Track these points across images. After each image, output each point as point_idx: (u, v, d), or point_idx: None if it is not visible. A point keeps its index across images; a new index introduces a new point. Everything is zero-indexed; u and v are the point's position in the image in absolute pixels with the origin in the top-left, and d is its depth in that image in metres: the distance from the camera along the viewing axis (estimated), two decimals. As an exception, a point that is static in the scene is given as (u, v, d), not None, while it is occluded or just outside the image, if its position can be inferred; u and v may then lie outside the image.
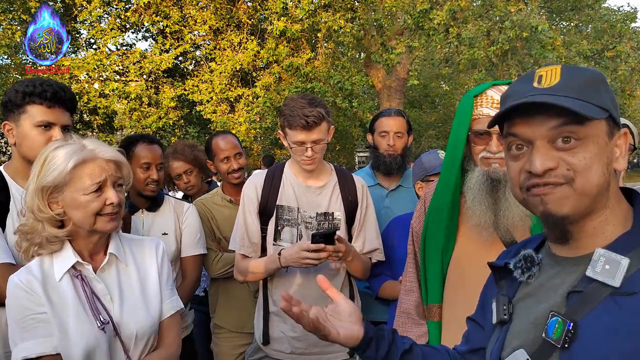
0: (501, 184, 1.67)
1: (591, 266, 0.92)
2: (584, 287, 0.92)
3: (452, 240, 1.82)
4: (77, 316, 1.55)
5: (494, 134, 1.69)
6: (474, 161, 1.75)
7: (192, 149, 3.35)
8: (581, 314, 0.91)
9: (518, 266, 1.05)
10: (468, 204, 1.74)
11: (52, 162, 1.54)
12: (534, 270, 1.03)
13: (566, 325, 0.90)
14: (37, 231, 1.55)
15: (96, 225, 1.58)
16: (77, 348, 1.52)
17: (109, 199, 1.57)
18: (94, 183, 1.55)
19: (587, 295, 0.91)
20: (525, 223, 1.69)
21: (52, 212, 1.55)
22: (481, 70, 11.17)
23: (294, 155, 2.30)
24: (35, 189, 1.54)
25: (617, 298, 0.88)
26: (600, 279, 0.90)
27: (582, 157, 0.92)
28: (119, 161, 1.63)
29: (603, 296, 0.89)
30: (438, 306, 1.88)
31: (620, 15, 13.33)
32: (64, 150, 1.56)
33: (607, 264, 0.90)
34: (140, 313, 1.66)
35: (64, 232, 1.57)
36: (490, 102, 1.72)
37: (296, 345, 2.32)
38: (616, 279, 0.88)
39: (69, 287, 1.58)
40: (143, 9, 11.17)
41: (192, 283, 2.69)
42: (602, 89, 0.96)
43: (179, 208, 2.71)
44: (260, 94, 11.07)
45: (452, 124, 1.85)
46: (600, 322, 0.88)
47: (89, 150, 1.57)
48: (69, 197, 1.55)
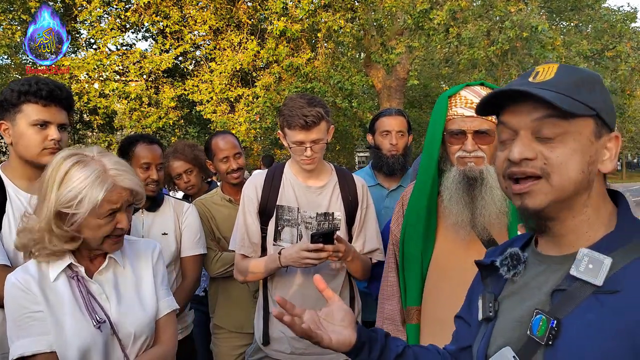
0: (477, 183, 1.69)
1: (575, 265, 0.93)
2: (568, 285, 0.94)
3: (432, 241, 1.83)
4: (72, 315, 1.58)
5: (468, 133, 1.70)
6: (450, 161, 1.76)
7: (192, 148, 3.36)
8: (565, 312, 0.92)
9: (504, 264, 1.07)
10: (445, 203, 1.76)
11: (71, 182, 1.53)
12: (520, 268, 1.05)
13: (550, 322, 0.92)
14: (45, 241, 1.56)
15: (103, 245, 1.63)
16: (73, 346, 1.55)
17: (119, 223, 1.62)
18: (110, 209, 1.58)
19: (571, 293, 0.93)
20: (502, 221, 1.71)
21: (68, 231, 1.56)
22: (481, 70, 11.17)
23: (294, 155, 2.29)
24: (53, 207, 1.53)
25: (600, 296, 0.90)
26: (584, 278, 0.92)
27: (560, 152, 0.94)
28: (135, 191, 1.64)
29: (586, 294, 0.91)
30: (417, 309, 1.88)
31: (620, 15, 13.32)
32: (84, 173, 1.54)
33: (591, 263, 0.92)
34: (137, 312, 1.70)
35: (72, 247, 1.60)
36: (464, 102, 1.74)
37: (296, 345, 2.32)
38: (599, 277, 0.90)
39: (65, 287, 1.61)
40: (143, 9, 11.17)
41: (192, 283, 2.69)
42: (597, 89, 0.97)
43: (178, 208, 2.71)
44: (260, 94, 11.07)
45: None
46: (583, 320, 0.90)
47: (111, 177, 1.57)
48: (85, 219, 1.56)
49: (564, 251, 0.99)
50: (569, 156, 0.93)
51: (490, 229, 1.74)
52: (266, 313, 2.39)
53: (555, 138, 0.94)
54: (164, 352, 1.75)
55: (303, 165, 2.29)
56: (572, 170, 0.94)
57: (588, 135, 0.94)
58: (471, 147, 1.70)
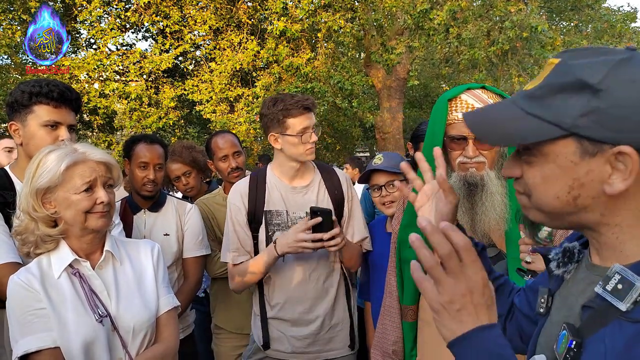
0: (478, 189, 1.67)
1: (602, 281, 0.82)
2: (596, 303, 0.83)
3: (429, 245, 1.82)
4: (75, 310, 1.60)
5: (469, 138, 1.68)
6: (451, 166, 1.74)
7: (190, 150, 3.33)
8: (589, 332, 0.82)
9: (555, 258, 0.98)
10: None
11: (45, 165, 1.62)
12: (570, 267, 0.95)
13: (568, 342, 0.83)
14: (30, 230, 1.62)
15: (87, 222, 1.65)
16: (76, 341, 1.57)
17: (99, 198, 1.65)
18: (84, 183, 1.63)
19: (598, 313, 0.82)
20: (502, 226, 1.70)
21: (46, 211, 1.62)
22: (481, 70, 11.16)
23: (296, 148, 2.27)
24: (30, 191, 1.62)
25: (624, 323, 0.78)
26: (607, 298, 0.80)
27: (531, 175, 0.86)
28: (108, 163, 1.70)
29: (613, 317, 0.80)
30: (411, 308, 1.89)
31: (620, 15, 13.34)
32: (55, 154, 1.63)
33: (621, 283, 0.79)
34: (137, 307, 1.72)
35: (56, 231, 1.64)
36: (465, 107, 1.71)
37: (296, 344, 2.32)
38: (625, 301, 0.78)
39: (67, 284, 1.64)
40: (143, 9, 11.16)
41: (194, 284, 2.69)
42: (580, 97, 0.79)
43: (181, 208, 2.71)
44: (260, 94, 11.06)
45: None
46: (603, 345, 0.79)
47: (80, 153, 1.65)
48: (62, 197, 1.62)
49: (605, 263, 0.87)
50: (540, 180, 0.85)
51: (490, 234, 1.73)
52: (264, 319, 2.38)
53: (532, 160, 0.86)
54: (165, 350, 1.76)
55: (308, 155, 2.29)
56: (544, 195, 0.85)
57: (568, 156, 0.81)
58: (472, 153, 1.68)
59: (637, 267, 0.81)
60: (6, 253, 1.82)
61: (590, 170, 0.81)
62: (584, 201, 0.83)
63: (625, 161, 0.78)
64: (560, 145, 0.82)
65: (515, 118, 0.85)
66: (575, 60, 0.81)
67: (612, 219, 0.83)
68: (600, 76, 0.78)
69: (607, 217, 0.83)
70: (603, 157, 0.79)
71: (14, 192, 1.96)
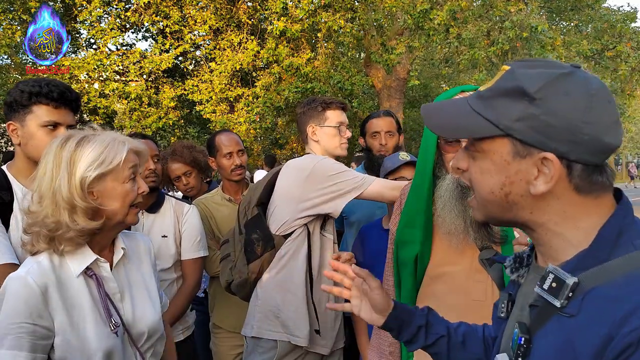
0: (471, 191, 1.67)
1: (540, 281, 0.88)
2: (540, 302, 0.90)
3: (428, 246, 1.82)
4: (94, 321, 1.45)
5: (463, 141, 1.67)
6: (446, 168, 1.75)
7: (190, 150, 3.34)
8: (536, 329, 0.89)
9: (509, 265, 1.05)
10: (439, 211, 1.75)
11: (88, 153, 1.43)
12: (522, 271, 1.02)
13: (518, 339, 0.90)
14: (65, 225, 1.41)
15: (128, 216, 1.51)
16: (98, 353, 1.43)
17: (140, 187, 1.52)
18: (132, 171, 1.49)
19: (541, 310, 0.89)
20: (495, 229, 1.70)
21: (92, 202, 1.43)
22: (481, 70, 11.15)
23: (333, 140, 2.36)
24: (76, 179, 1.41)
25: (561, 318, 0.85)
26: (544, 296, 0.87)
27: (473, 169, 0.95)
28: (140, 151, 1.57)
29: (552, 314, 0.86)
30: None
31: (620, 15, 13.30)
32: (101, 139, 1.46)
33: (555, 281, 0.86)
34: (148, 311, 1.63)
35: (97, 224, 1.45)
36: None
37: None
38: (559, 297, 0.84)
39: (83, 288, 1.47)
40: (143, 9, 11.15)
41: (193, 286, 2.68)
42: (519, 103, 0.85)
43: (179, 209, 2.70)
44: (260, 94, 11.05)
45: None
46: (547, 340, 0.87)
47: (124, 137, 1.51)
48: (110, 187, 1.45)
49: (544, 263, 0.94)
50: (479, 174, 0.93)
51: (483, 237, 1.73)
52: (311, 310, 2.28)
53: (475, 154, 0.93)
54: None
55: (343, 149, 2.38)
56: (482, 189, 0.93)
57: (503, 155, 0.88)
58: None
59: (569, 265, 0.87)
60: (2, 254, 1.77)
61: (520, 170, 0.88)
62: (513, 198, 0.90)
63: (549, 166, 0.85)
64: (497, 144, 0.89)
65: (464, 114, 0.93)
66: (522, 70, 0.88)
67: (540, 217, 0.90)
68: (539, 86, 0.84)
69: (535, 216, 0.90)
70: (532, 160, 0.86)
71: (11, 192, 1.93)
